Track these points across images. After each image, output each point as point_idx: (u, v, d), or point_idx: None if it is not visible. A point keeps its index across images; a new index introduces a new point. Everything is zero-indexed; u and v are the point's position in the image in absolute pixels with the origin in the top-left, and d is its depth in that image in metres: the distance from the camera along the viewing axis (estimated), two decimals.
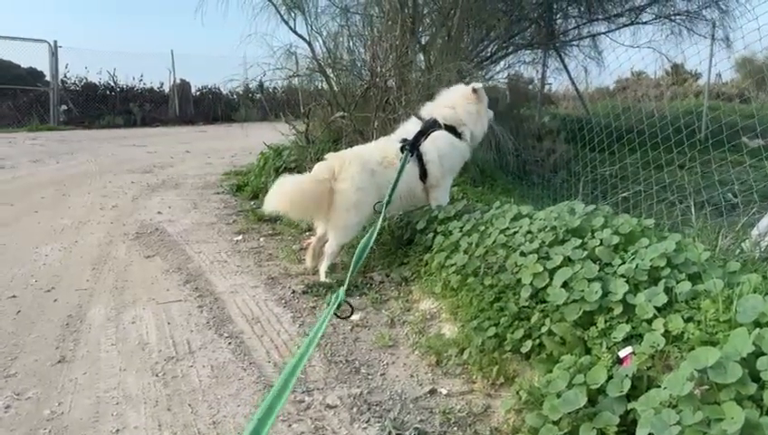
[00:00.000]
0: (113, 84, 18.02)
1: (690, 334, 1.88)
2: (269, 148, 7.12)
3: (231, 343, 2.81)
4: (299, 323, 3.04)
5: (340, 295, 1.84)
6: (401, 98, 5.45)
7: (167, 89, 19.07)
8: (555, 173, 8.07)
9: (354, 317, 3.08)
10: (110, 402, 2.27)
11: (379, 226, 2.84)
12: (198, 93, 19.75)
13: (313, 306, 3.26)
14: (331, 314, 1.78)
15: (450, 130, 3.90)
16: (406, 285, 3.47)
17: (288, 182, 3.55)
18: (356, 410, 2.22)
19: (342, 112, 5.91)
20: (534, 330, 2.35)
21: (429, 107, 4.04)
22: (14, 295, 3.40)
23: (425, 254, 3.50)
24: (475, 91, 3.94)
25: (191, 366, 2.58)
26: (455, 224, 3.47)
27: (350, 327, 2.98)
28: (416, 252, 3.66)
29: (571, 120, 9.68)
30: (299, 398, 2.30)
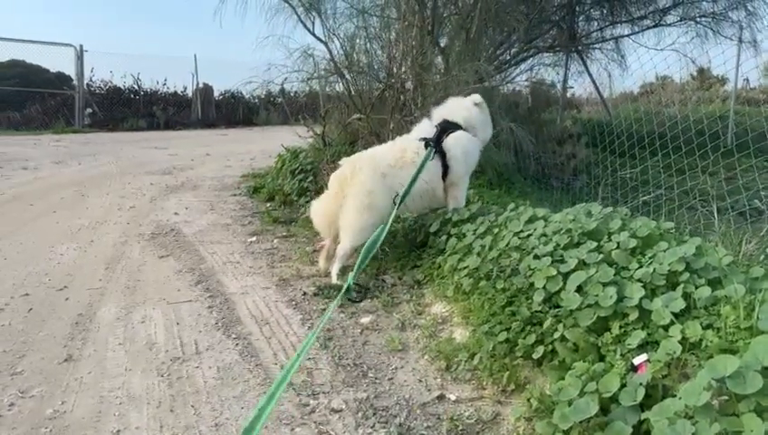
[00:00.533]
0: (137, 88, 18.22)
1: (708, 342, 1.80)
2: (286, 150, 7.13)
3: (239, 344, 2.78)
4: (308, 325, 3.00)
5: (349, 280, 1.82)
6: (418, 100, 5.41)
7: (190, 93, 19.24)
8: (575, 177, 7.96)
9: (364, 320, 3.03)
10: (113, 402, 2.25)
11: (390, 224, 2.80)
12: (220, 97, 19.89)
13: (324, 308, 3.21)
14: (340, 300, 1.77)
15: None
16: (418, 289, 3.41)
17: (312, 209, 3.81)
18: (361, 414, 2.17)
19: (359, 114, 5.88)
20: (547, 335, 2.28)
21: (441, 111, 4.02)
22: (26, 293, 3.41)
23: (438, 257, 3.45)
24: (477, 104, 3.99)
25: (197, 367, 2.55)
26: (468, 226, 3.41)
27: (359, 330, 2.93)
28: (429, 255, 3.61)
29: (593, 125, 9.53)
30: (303, 401, 2.25)
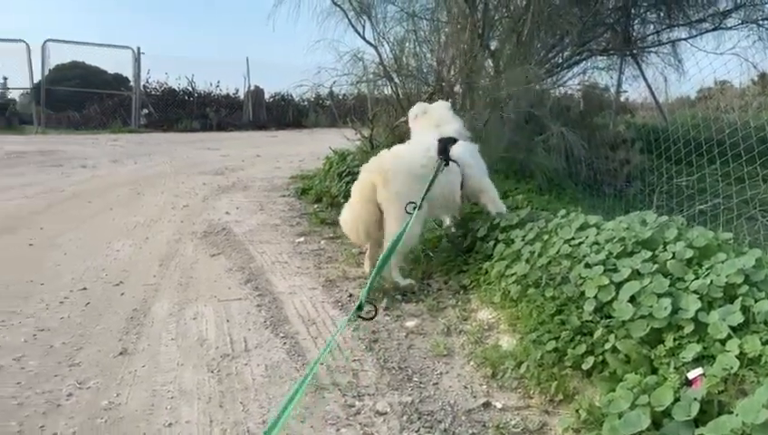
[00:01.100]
0: (191, 90, 18.73)
1: None
2: (334, 153, 7.20)
3: (286, 343, 2.82)
4: (353, 326, 3.02)
5: (361, 297, 1.82)
6: (466, 103, 5.38)
7: (241, 95, 19.67)
8: (629, 184, 7.75)
9: (409, 323, 3.04)
10: (165, 396, 2.32)
11: (407, 229, 2.82)
12: (271, 99, 20.24)
13: (368, 310, 3.22)
14: (353, 316, 1.77)
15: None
16: (464, 294, 3.39)
17: (341, 218, 3.73)
18: (406, 418, 2.17)
19: (406, 117, 5.89)
20: (597, 346, 2.24)
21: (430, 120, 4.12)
22: (84, 288, 3.55)
23: (485, 262, 3.41)
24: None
25: (246, 364, 2.60)
26: (517, 232, 3.37)
27: (404, 334, 2.94)
28: (475, 260, 3.58)
29: (648, 130, 9.26)
30: (349, 402, 2.27)
